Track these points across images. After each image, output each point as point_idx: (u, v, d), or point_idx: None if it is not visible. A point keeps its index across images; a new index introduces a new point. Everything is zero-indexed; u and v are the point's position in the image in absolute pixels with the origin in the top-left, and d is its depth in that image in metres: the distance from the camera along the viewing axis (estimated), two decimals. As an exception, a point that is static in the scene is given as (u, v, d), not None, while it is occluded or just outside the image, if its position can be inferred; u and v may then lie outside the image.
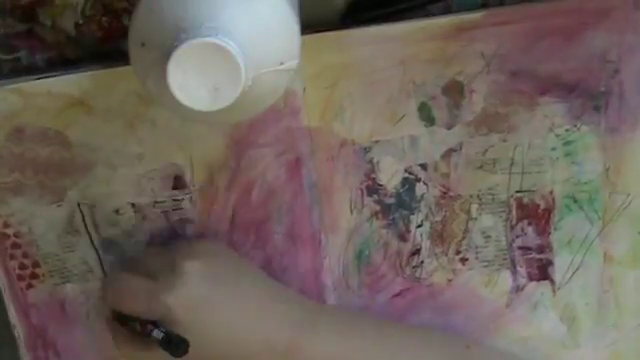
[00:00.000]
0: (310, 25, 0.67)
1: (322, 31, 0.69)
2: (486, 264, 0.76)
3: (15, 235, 0.74)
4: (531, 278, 0.77)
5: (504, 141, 0.73)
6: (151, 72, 0.58)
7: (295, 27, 0.59)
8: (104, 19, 0.71)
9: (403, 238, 0.76)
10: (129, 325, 0.68)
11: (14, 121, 0.71)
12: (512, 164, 0.74)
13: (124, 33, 0.59)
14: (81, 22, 0.71)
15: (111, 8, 0.70)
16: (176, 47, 0.54)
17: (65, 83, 0.70)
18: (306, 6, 0.63)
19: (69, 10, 0.70)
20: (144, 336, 0.66)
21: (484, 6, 0.71)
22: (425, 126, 0.73)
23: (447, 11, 0.71)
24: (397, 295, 0.77)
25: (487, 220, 0.75)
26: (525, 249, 0.76)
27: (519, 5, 0.70)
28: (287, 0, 0.58)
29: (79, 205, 0.73)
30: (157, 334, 0.64)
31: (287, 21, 0.58)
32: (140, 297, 0.65)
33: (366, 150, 0.73)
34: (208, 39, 0.54)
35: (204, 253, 0.69)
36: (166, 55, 0.54)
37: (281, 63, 0.58)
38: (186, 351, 0.64)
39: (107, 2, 0.70)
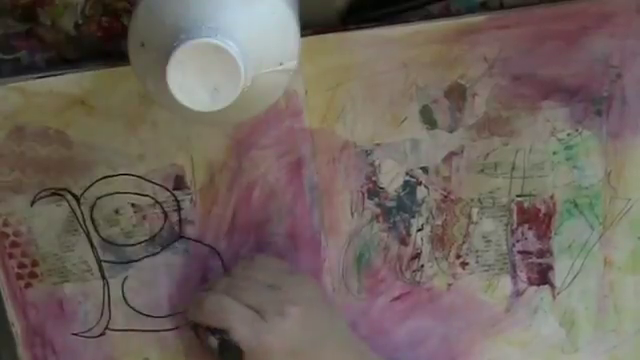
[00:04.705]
0: (310, 25, 0.67)
1: (323, 32, 0.69)
2: (486, 268, 0.76)
3: (14, 234, 0.74)
4: (531, 283, 0.77)
5: (506, 145, 0.73)
6: (151, 72, 0.58)
7: (295, 28, 0.59)
8: (104, 19, 0.71)
9: (403, 242, 0.76)
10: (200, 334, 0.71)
11: (15, 120, 0.71)
12: (513, 168, 0.74)
13: (124, 33, 0.59)
14: (81, 22, 0.71)
15: (111, 8, 0.70)
16: (176, 47, 0.54)
17: (66, 82, 0.70)
18: (306, 6, 0.63)
19: (69, 10, 0.71)
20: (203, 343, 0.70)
21: (483, 6, 0.71)
22: (427, 129, 0.73)
23: (446, 11, 0.71)
24: (397, 299, 0.77)
25: (488, 224, 0.75)
26: (525, 253, 0.76)
27: (522, 9, 0.70)
28: (287, 0, 0.58)
29: (79, 204, 0.74)
30: (212, 342, 0.69)
31: (287, 22, 0.58)
32: (241, 324, 0.68)
33: (367, 153, 0.73)
34: (208, 39, 0.54)
35: (308, 299, 0.70)
36: (166, 55, 0.54)
37: (280, 63, 0.58)
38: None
39: (107, 2, 0.70)
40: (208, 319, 0.69)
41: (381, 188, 0.75)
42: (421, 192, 0.75)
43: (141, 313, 0.76)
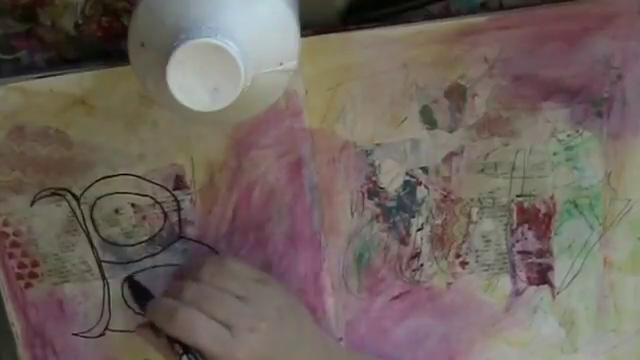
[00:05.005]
0: (310, 25, 0.67)
1: (323, 32, 0.69)
2: (486, 268, 0.76)
3: (14, 234, 0.74)
4: (531, 282, 0.77)
5: (506, 145, 0.73)
6: (151, 72, 0.58)
7: (295, 28, 0.59)
8: (104, 19, 0.71)
9: (403, 241, 0.76)
10: (161, 336, 0.70)
11: (15, 119, 0.71)
12: (513, 168, 0.74)
13: (124, 33, 0.59)
14: (81, 22, 0.71)
15: (111, 8, 0.70)
16: (176, 47, 0.54)
17: (66, 82, 0.70)
18: (306, 6, 0.63)
19: (69, 10, 0.71)
20: (172, 352, 0.69)
21: (483, 6, 0.71)
22: (427, 129, 0.73)
23: (446, 11, 0.71)
24: (396, 298, 0.77)
25: (487, 224, 0.75)
26: (525, 253, 0.76)
27: (522, 9, 0.70)
28: (287, 0, 0.58)
29: (79, 204, 0.74)
30: None
31: (287, 22, 0.58)
32: (212, 341, 0.67)
33: (367, 153, 0.73)
34: (208, 40, 0.54)
35: (276, 310, 0.70)
36: (166, 55, 0.54)
37: (280, 63, 0.58)
38: None
39: (107, 2, 0.70)
40: (179, 334, 0.68)
41: (381, 188, 0.74)
42: (421, 192, 0.75)
43: (141, 314, 0.76)
